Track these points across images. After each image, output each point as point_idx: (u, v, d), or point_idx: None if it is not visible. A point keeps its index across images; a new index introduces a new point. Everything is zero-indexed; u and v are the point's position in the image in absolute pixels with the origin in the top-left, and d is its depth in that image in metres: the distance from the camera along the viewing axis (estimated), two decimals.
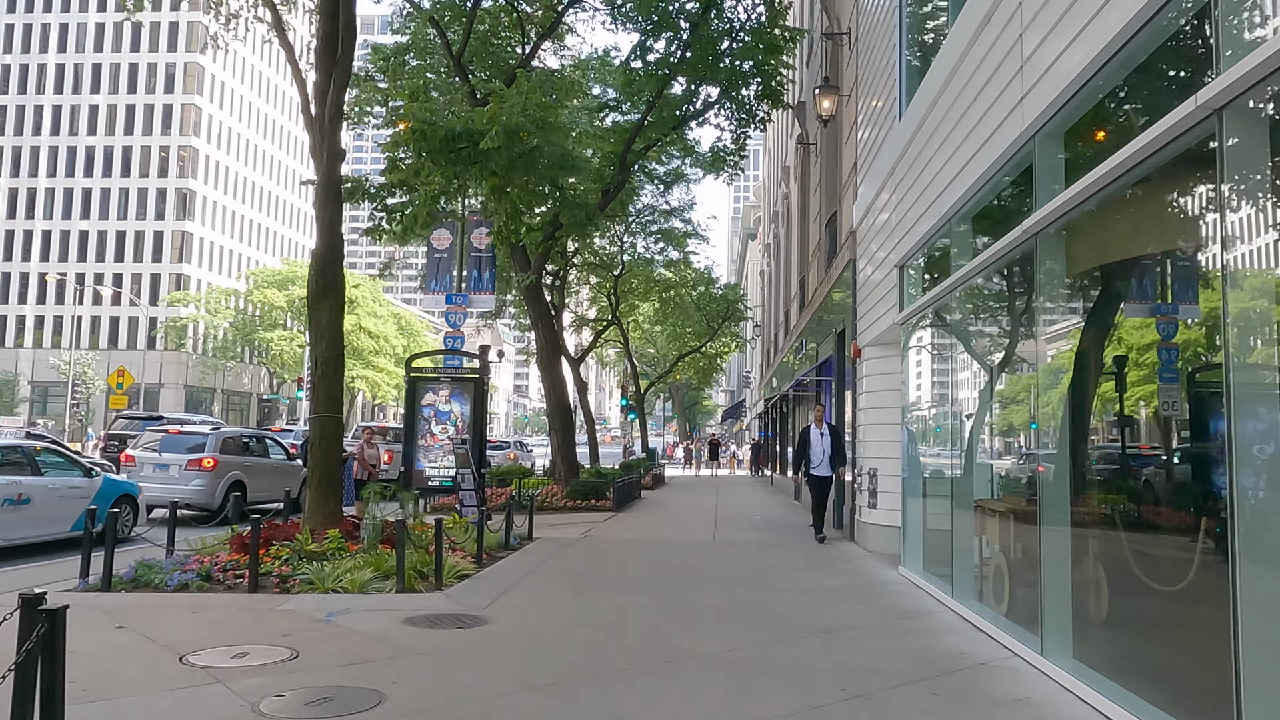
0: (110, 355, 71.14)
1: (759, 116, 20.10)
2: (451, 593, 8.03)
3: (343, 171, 11.67)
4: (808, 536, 13.65)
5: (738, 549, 11.89)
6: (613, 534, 13.56)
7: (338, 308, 10.24)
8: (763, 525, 15.44)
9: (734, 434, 77.98)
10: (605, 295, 34.02)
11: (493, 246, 23.23)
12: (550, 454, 21.15)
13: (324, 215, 10.22)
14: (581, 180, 17.27)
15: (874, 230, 11.45)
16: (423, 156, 13.78)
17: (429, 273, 24.28)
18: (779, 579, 9.24)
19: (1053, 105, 5.48)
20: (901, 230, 9.74)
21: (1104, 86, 5.11)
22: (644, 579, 9.08)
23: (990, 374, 7.45)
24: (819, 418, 13.08)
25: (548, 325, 20.06)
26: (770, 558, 11.00)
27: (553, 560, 10.33)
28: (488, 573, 9.13)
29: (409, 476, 16.70)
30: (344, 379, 10.32)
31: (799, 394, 21.11)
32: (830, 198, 16.80)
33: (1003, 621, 6.67)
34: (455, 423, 16.92)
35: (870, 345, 11.99)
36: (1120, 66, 4.86)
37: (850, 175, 13.63)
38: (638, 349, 49.97)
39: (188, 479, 15.70)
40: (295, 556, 8.79)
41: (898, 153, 9.93)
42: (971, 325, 8.00)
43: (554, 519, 16.11)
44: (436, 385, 16.95)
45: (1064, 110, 5.48)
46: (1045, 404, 5.80)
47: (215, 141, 76.51)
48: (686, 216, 33.80)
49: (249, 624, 6.83)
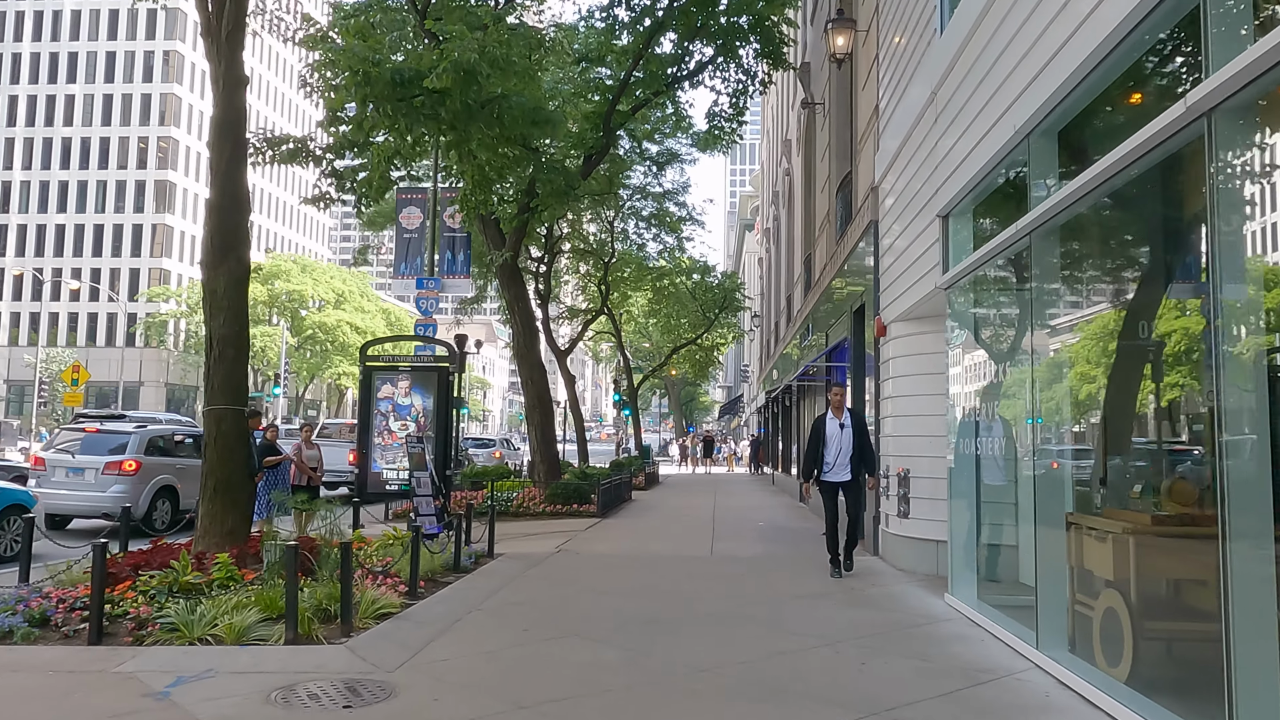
0: (89, 352, 68.99)
1: (758, 78, 18.06)
2: (360, 642, 5.99)
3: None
4: (820, 547, 11.62)
5: (740, 567, 9.85)
6: (592, 547, 11.53)
7: (241, 274, 8.19)
8: (768, 534, 13.41)
9: (731, 430, 75.96)
10: (596, 284, 31.97)
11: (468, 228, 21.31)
12: (529, 452, 19.10)
13: (221, 157, 8.15)
14: (558, 142, 15.19)
15: (903, 181, 9.41)
16: (368, 106, 11.73)
17: (398, 255, 22.25)
18: (796, 615, 7.20)
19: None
20: (946, 169, 7.71)
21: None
22: (621, 617, 7.04)
23: (1095, 340, 5.42)
24: (838, 402, 9.45)
25: (525, 308, 18.00)
26: (780, 580, 8.96)
27: (509, 588, 8.28)
28: (419, 609, 7.09)
29: (364, 479, 14.71)
30: (249, 360, 8.27)
31: (806, 384, 19.08)
32: (841, 160, 14.77)
33: (1124, 691, 4.65)
34: (417, 418, 14.90)
35: (898, 320, 9.95)
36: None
37: (870, 124, 11.59)
38: (631, 343, 47.92)
39: (105, 485, 13.61)
40: (165, 591, 6.75)
41: (939, 74, 7.89)
42: (1070, 275, 5.93)
43: (529, 527, 14.07)
44: (395, 375, 14.90)
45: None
46: (1236, 376, 3.74)
47: (196, 132, 74.20)
48: (681, 200, 31.80)
49: (54, 700, 4.79)
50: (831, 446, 9.25)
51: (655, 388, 70.56)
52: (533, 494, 16.65)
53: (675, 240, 32.37)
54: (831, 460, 9.22)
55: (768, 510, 18.00)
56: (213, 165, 8.14)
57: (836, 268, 14.24)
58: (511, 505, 16.10)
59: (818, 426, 9.44)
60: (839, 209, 14.56)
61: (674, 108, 18.44)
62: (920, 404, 9.56)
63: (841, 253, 13.72)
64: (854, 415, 9.47)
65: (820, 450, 9.27)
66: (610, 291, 32.11)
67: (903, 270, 9.48)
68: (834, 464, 9.22)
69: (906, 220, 9.24)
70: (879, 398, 10.86)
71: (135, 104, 72.02)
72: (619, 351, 38.87)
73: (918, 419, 9.55)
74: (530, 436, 17.96)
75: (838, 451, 9.24)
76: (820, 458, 9.26)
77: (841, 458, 9.21)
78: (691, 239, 36.66)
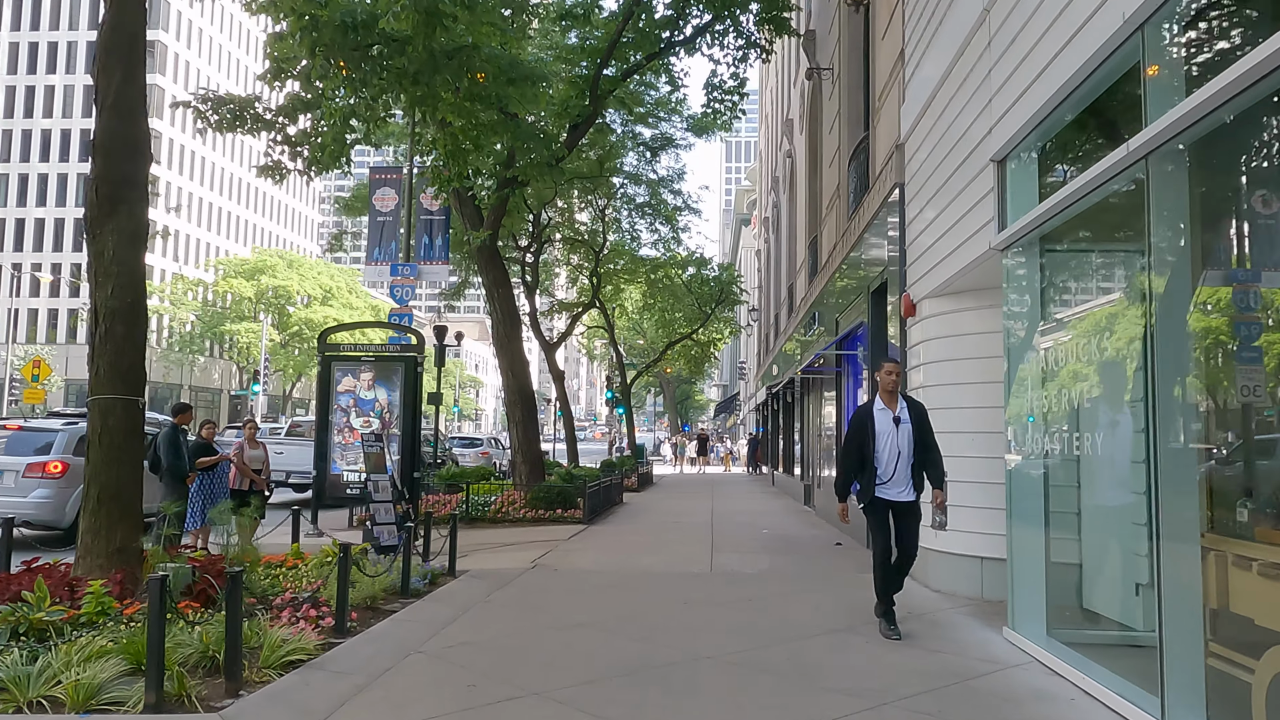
0: (67, 349, 67.29)
1: (760, 44, 16.57)
2: (244, 708, 4.46)
3: None
4: (834, 559, 10.14)
5: (746, 588, 8.34)
6: (574, 561, 10.01)
7: (134, 231, 6.64)
8: (773, 544, 11.90)
9: (727, 429, 74.51)
10: (587, 276, 30.44)
11: (447, 209, 19.77)
12: (510, 452, 17.57)
13: (109, 82, 6.57)
14: (539, 109, 13.65)
15: (939, 129, 7.91)
16: (316, 55, 10.19)
17: (370, 239, 20.64)
18: (824, 660, 5.68)
19: None
20: (1004, 100, 6.20)
21: None
22: (599, 664, 5.52)
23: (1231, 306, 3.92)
24: (891, 385, 6.64)
25: (505, 293, 16.46)
26: (797, 606, 7.45)
27: (464, 621, 6.75)
28: (342, 653, 5.55)
29: (322, 482, 13.19)
30: (145, 341, 6.73)
31: (812, 377, 17.59)
32: (854, 127, 13.28)
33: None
34: (381, 414, 13.38)
35: (931, 297, 8.45)
36: None
37: (893, 73, 10.08)
38: (625, 340, 46.36)
39: (27, 489, 12.01)
40: (8, 633, 5.22)
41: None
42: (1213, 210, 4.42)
43: (507, 535, 12.56)
44: (357, 366, 13.38)
45: None
46: None
47: (179, 124, 72.43)
48: (676, 188, 30.32)
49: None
50: (883, 449, 6.45)
51: (650, 386, 69.05)
52: (513, 498, 15.13)
53: (670, 230, 30.86)
54: (884, 468, 6.42)
55: (771, 515, 16.50)
56: (99, 94, 6.57)
57: (849, 246, 12.74)
58: (489, 511, 14.60)
59: (861, 420, 6.60)
60: (851, 181, 13.07)
61: (668, 76, 16.91)
62: (959, 394, 8.07)
63: (855, 228, 12.22)
64: (913, 405, 6.63)
65: (867, 454, 6.47)
66: (602, 284, 30.61)
67: (939, 236, 7.98)
68: (889, 474, 6.41)
69: (945, 175, 7.73)
70: (905, 388, 9.35)
71: None
72: (611, 347, 37.31)
73: (956, 413, 8.05)
74: (511, 434, 16.44)
75: (893, 456, 6.43)
76: (867, 465, 6.47)
77: (899, 466, 6.42)
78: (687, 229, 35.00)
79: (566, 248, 31.43)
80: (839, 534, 12.91)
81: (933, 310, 8.51)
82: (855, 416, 6.76)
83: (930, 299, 8.51)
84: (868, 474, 6.48)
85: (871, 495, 6.45)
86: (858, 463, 6.55)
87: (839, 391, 14.32)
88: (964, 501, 7.85)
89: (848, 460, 6.66)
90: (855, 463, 6.57)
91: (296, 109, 12.33)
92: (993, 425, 7.36)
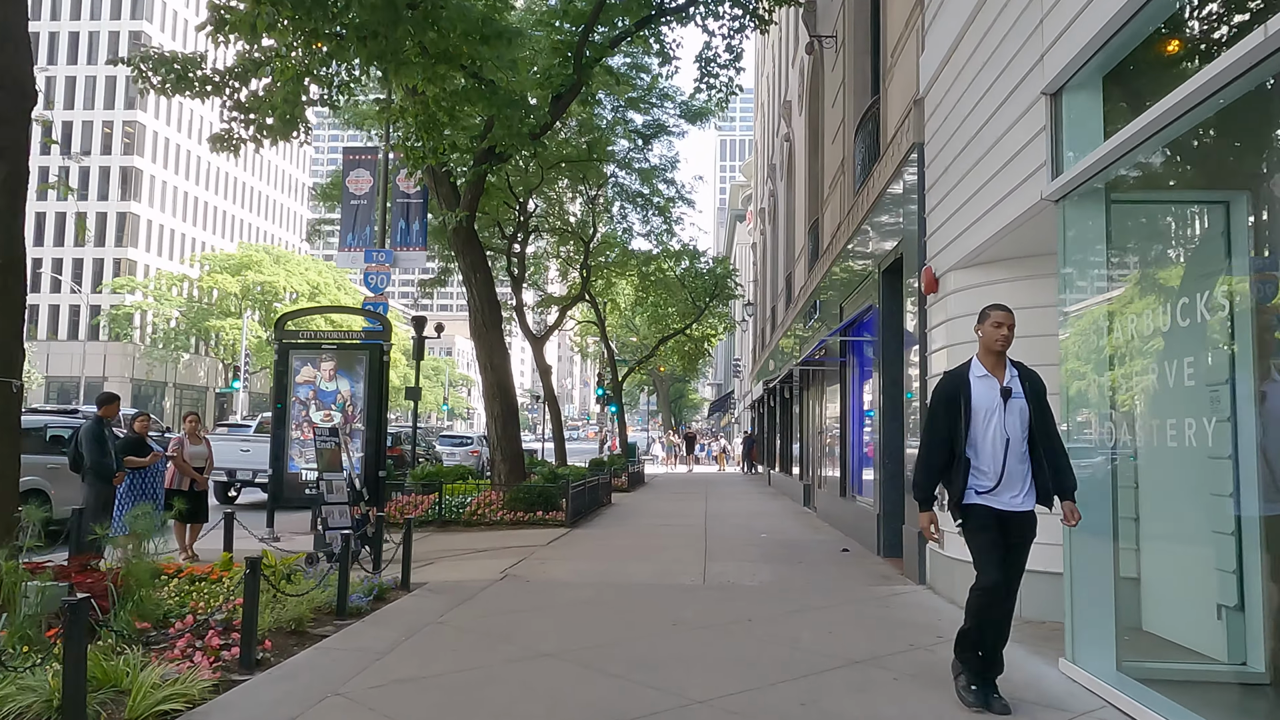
0: (49, 346, 66.00)
1: (758, 14, 15.45)
2: None
3: None
4: (842, 567, 9.03)
5: (746, 605, 7.21)
6: (550, 571, 8.88)
7: (5, 180, 5.50)
8: (774, 549, 10.79)
9: (722, 427, 73.44)
10: (577, 269, 29.29)
11: (424, 191, 18.63)
12: (488, 450, 16.44)
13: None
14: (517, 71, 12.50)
15: (970, 70, 6.81)
16: (261, 2, 9.06)
17: (344, 224, 19.58)
18: (844, 709, 4.56)
19: None
20: (1058, 21, 5.10)
21: None
22: (565, 716, 4.40)
23: None
24: (1002, 340, 4.54)
25: (484, 278, 15.31)
26: (805, 629, 6.33)
27: (405, 650, 5.60)
28: (237, 696, 4.41)
29: (279, 482, 12.06)
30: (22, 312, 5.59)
31: (813, 369, 16.48)
32: (861, 95, 12.20)
33: None
34: (343, 407, 12.24)
35: (958, 269, 7.36)
36: None
37: (911, 21, 8.97)
38: (618, 336, 45.20)
39: None
40: None
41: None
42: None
43: (480, 540, 11.44)
44: (318, 355, 12.24)
45: None
46: None
47: (164, 116, 71.09)
48: (669, 176, 29.19)
49: None
50: (985, 434, 4.46)
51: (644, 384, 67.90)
52: (491, 499, 13.99)
53: (663, 221, 29.75)
54: (987, 460, 4.46)
55: (769, 517, 15.39)
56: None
57: (856, 223, 11.65)
58: (464, 513, 13.46)
59: (952, 392, 4.60)
60: (858, 153, 11.97)
61: (660, 47, 15.76)
62: None
63: (864, 203, 11.13)
64: (1027, 375, 4.60)
65: (958, 441, 4.49)
66: (592, 277, 29.46)
67: (968, 197, 6.88)
68: (995, 470, 4.43)
69: (977, 122, 6.63)
70: (925, 374, 8.27)
71: (99, 85, 68.81)
72: (603, 343, 36.13)
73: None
74: (490, 431, 15.29)
75: (999, 445, 4.43)
76: (959, 458, 4.49)
77: (1009, 459, 4.43)
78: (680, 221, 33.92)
79: (556, 239, 30.31)
80: (844, 538, 11.81)
81: (958, 284, 7.41)
82: (942, 387, 4.70)
83: (956, 271, 7.41)
84: (959, 470, 4.47)
85: (970, 500, 4.47)
86: (944, 456, 4.55)
87: (843, 384, 13.23)
88: None
89: (932, 450, 4.60)
90: (938, 457, 4.57)
91: (248, 71, 11.19)
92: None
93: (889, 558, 9.67)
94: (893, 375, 9.73)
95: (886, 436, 9.75)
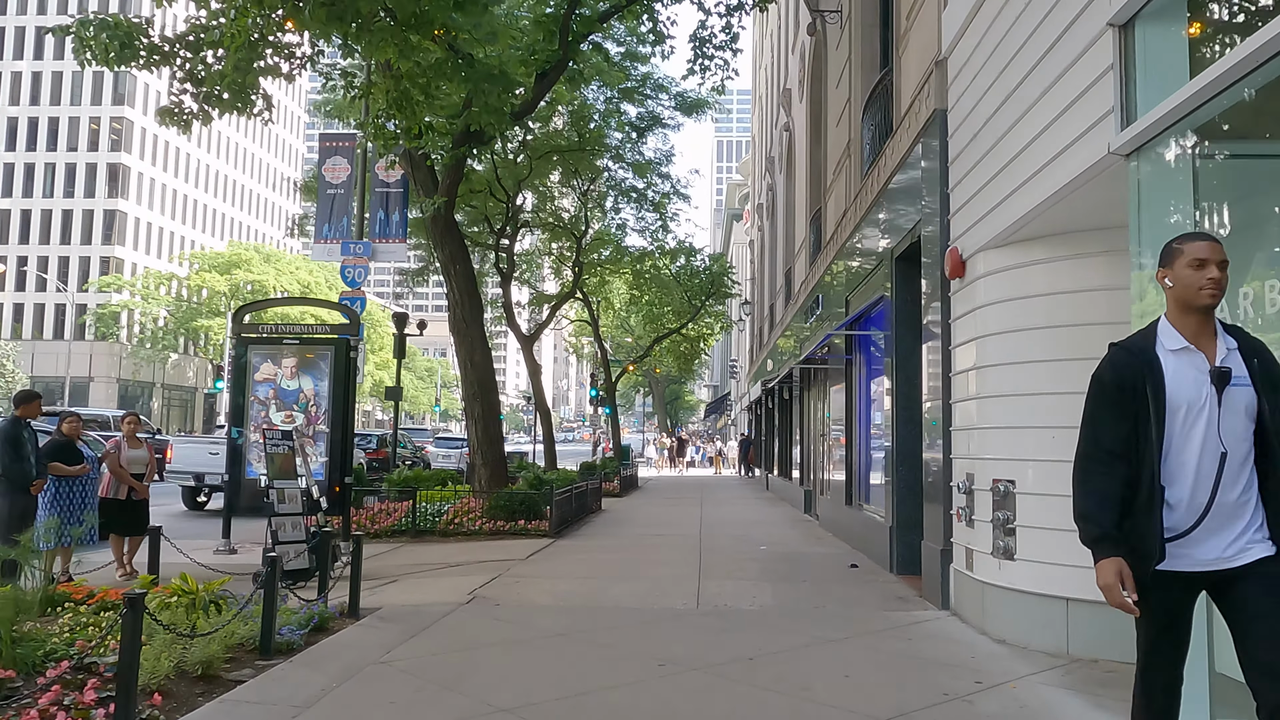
0: (34, 345, 64.84)
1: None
2: None
3: None
4: (852, 587, 8.05)
5: (745, 636, 6.22)
6: (525, 592, 7.88)
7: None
8: (776, 564, 9.81)
9: (718, 429, 72.47)
10: (570, 266, 28.31)
11: (405, 180, 17.63)
12: (469, 453, 15.44)
13: None
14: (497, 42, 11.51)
15: (1012, 11, 5.83)
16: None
17: (320, 215, 18.45)
18: None
19: None
20: None
21: None
22: None
23: None
24: (1203, 299, 2.74)
25: (464, 270, 14.33)
26: (818, 670, 5.34)
27: (328, 704, 4.58)
28: None
29: (236, 489, 11.06)
30: None
31: (815, 368, 15.51)
32: (869, 70, 11.28)
33: None
34: (306, 407, 11.25)
35: (990, 249, 6.39)
36: None
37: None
38: (613, 337, 44.20)
39: None
40: None
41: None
42: None
43: (454, 553, 10.47)
44: (279, 351, 11.24)
45: None
46: None
47: (152, 112, 69.91)
48: (664, 170, 28.24)
49: None
50: (1188, 444, 2.72)
51: (639, 386, 66.85)
52: (470, 506, 12.99)
53: (658, 218, 28.81)
54: (1186, 491, 2.72)
55: (768, 526, 14.41)
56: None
57: (864, 209, 10.69)
58: (440, 522, 12.47)
59: (1129, 376, 2.80)
60: (867, 132, 11.02)
61: (652, 24, 14.80)
62: (1032, 377, 6.01)
63: (873, 185, 10.16)
64: (1252, 348, 2.81)
65: (1145, 458, 2.75)
66: (585, 274, 28.48)
67: (1005, 163, 5.91)
68: (1200, 506, 2.70)
69: (1018, 73, 5.65)
70: (947, 371, 7.30)
71: (86, 81, 67.63)
72: (596, 343, 35.13)
73: (1027, 400, 6.00)
74: (469, 433, 14.31)
75: (1211, 459, 2.70)
76: (1141, 484, 2.74)
77: (1225, 488, 2.69)
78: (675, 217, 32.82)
79: (547, 235, 29.33)
80: (851, 551, 10.84)
81: (989, 267, 6.44)
82: (1111, 368, 2.88)
83: (986, 252, 6.44)
84: (1141, 503, 2.74)
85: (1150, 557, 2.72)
86: (1119, 474, 2.78)
87: (849, 383, 12.27)
88: (1040, 521, 5.79)
89: (1097, 465, 2.82)
90: (1117, 471, 2.78)
91: (200, 40, 10.22)
92: (1073, 417, 5.30)
93: (903, 575, 8.69)
94: (907, 373, 8.77)
95: (901, 440, 8.79)
